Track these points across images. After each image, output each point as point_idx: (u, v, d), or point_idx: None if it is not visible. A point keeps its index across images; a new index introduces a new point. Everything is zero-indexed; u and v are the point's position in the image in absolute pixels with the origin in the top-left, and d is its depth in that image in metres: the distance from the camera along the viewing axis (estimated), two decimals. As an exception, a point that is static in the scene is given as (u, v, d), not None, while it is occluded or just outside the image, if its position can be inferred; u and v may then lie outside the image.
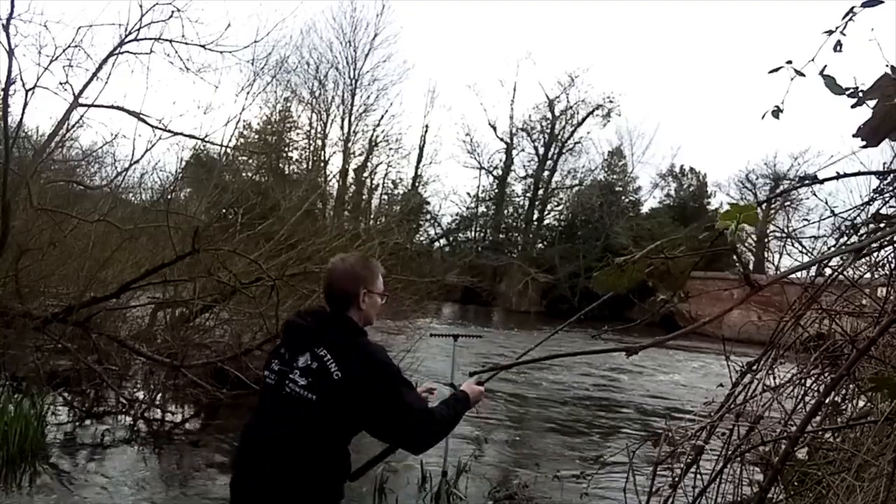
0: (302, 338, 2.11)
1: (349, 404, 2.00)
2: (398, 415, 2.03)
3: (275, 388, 2.10)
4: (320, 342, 2.06)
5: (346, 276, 2.18)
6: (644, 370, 13.85)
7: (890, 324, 2.06)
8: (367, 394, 2.00)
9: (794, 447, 2.04)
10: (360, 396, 2.00)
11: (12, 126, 7.41)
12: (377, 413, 2.02)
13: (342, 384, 1.99)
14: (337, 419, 2.02)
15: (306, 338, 2.09)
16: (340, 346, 2.05)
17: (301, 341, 2.10)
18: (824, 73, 1.80)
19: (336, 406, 2.00)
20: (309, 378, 2.03)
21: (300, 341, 2.11)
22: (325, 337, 2.07)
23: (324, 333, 2.08)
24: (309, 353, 2.05)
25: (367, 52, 35.86)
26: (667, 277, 1.47)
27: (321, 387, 2.01)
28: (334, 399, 2.00)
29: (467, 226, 41.20)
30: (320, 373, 2.02)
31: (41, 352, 7.11)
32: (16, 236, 6.98)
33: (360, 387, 2.00)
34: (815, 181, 2.44)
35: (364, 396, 2.00)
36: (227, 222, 8.98)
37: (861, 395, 2.93)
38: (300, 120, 34.74)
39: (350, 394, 2.00)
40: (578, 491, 5.46)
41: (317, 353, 2.04)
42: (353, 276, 2.18)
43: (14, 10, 6.36)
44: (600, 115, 38.76)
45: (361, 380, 2.00)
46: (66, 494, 4.61)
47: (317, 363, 2.03)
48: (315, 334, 2.09)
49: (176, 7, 7.80)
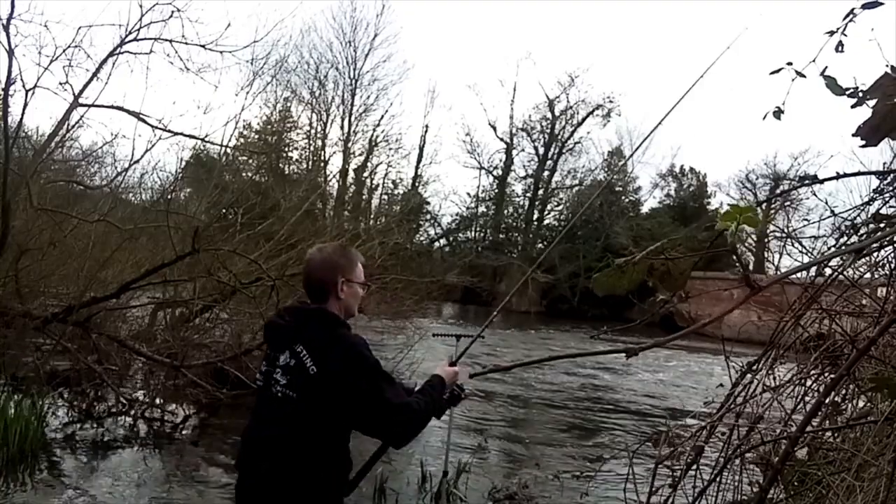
0: (281, 337, 2.11)
1: (329, 399, 1.99)
2: (378, 409, 2.01)
3: (264, 389, 2.11)
4: (298, 339, 2.05)
5: (324, 266, 2.16)
6: (645, 370, 13.85)
7: (890, 324, 2.06)
8: (347, 387, 1.98)
9: (794, 447, 2.05)
10: (339, 390, 1.98)
11: (12, 126, 7.42)
12: (357, 406, 2.00)
13: (318, 379, 1.99)
14: (320, 415, 2.00)
15: (285, 336, 2.09)
16: (319, 341, 2.04)
17: (281, 340, 2.10)
18: (825, 74, 1.80)
19: (316, 402, 1.99)
20: (288, 376, 2.03)
21: (280, 340, 2.11)
22: (304, 333, 2.06)
23: (302, 330, 2.08)
24: (289, 352, 2.05)
25: (367, 52, 35.90)
26: (667, 278, 1.47)
27: (299, 383, 2.01)
28: (313, 395, 2.00)
29: (467, 226, 41.21)
30: (298, 370, 2.02)
31: (41, 352, 7.11)
32: (16, 236, 6.98)
33: (340, 380, 1.98)
34: (815, 181, 2.44)
35: (344, 390, 1.98)
36: (227, 222, 8.97)
37: (861, 395, 2.93)
38: (300, 120, 34.74)
39: (328, 388, 1.98)
40: (578, 491, 5.47)
41: (295, 351, 2.04)
42: (331, 264, 2.17)
43: (14, 10, 6.38)
44: (600, 115, 38.80)
45: (341, 374, 1.99)
46: (66, 494, 4.61)
47: (295, 360, 2.03)
48: (293, 332, 2.08)
49: (176, 7, 7.80)
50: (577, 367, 13.09)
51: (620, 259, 1.50)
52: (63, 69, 7.43)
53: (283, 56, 14.05)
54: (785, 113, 2.00)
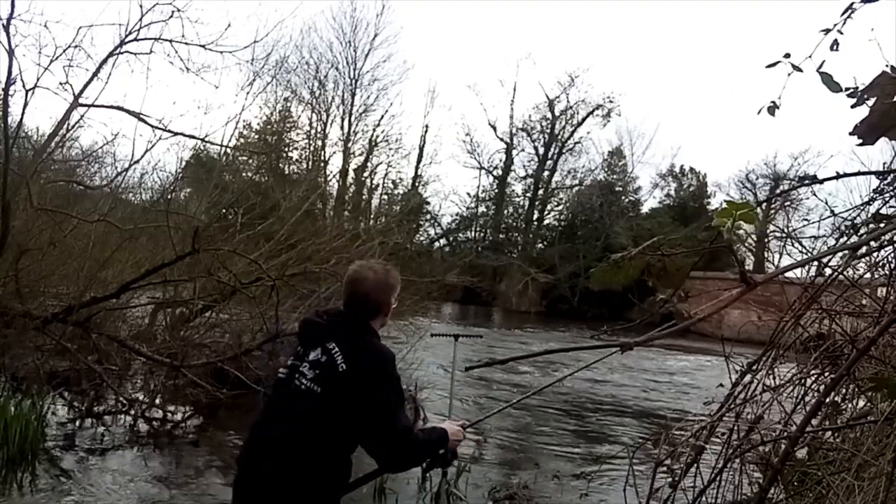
0: (316, 334, 2.16)
1: (350, 398, 2.03)
2: (385, 423, 2.05)
3: (285, 381, 2.14)
4: (332, 338, 2.11)
5: (379, 288, 2.21)
6: (645, 371, 13.84)
7: (890, 324, 2.06)
8: (367, 391, 2.03)
9: (794, 447, 2.05)
10: (359, 391, 2.03)
11: (12, 126, 7.40)
12: (368, 413, 2.04)
13: (346, 377, 2.03)
14: (338, 413, 2.03)
15: (320, 334, 2.15)
16: (351, 343, 2.10)
17: (315, 337, 2.16)
18: (821, 70, 1.80)
19: (338, 399, 2.03)
20: (316, 370, 2.07)
21: (314, 337, 2.16)
22: (338, 334, 2.12)
23: (337, 330, 2.13)
24: (320, 348, 2.10)
25: (367, 52, 35.84)
26: (664, 275, 1.47)
27: (326, 378, 2.05)
28: (337, 391, 2.04)
29: (467, 226, 41.19)
30: (328, 365, 2.06)
31: (41, 352, 7.10)
32: (16, 236, 6.97)
33: (363, 383, 2.03)
34: (815, 181, 2.45)
35: (363, 392, 2.03)
36: (227, 222, 8.97)
37: (861, 395, 2.93)
38: (300, 120, 34.71)
39: (352, 387, 2.03)
40: (578, 491, 5.47)
41: (327, 348, 2.09)
42: (388, 287, 2.24)
43: (14, 10, 6.36)
44: (600, 115, 38.79)
45: (365, 376, 2.04)
46: (67, 494, 4.60)
47: (326, 357, 2.08)
48: (328, 331, 2.14)
49: (176, 7, 7.78)
50: (592, 368, 13.05)
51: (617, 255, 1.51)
52: (63, 69, 7.42)
53: (284, 56, 14.10)
54: (780, 108, 1.98)
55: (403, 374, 7.33)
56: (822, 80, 1.78)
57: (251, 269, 7.08)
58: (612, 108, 38.39)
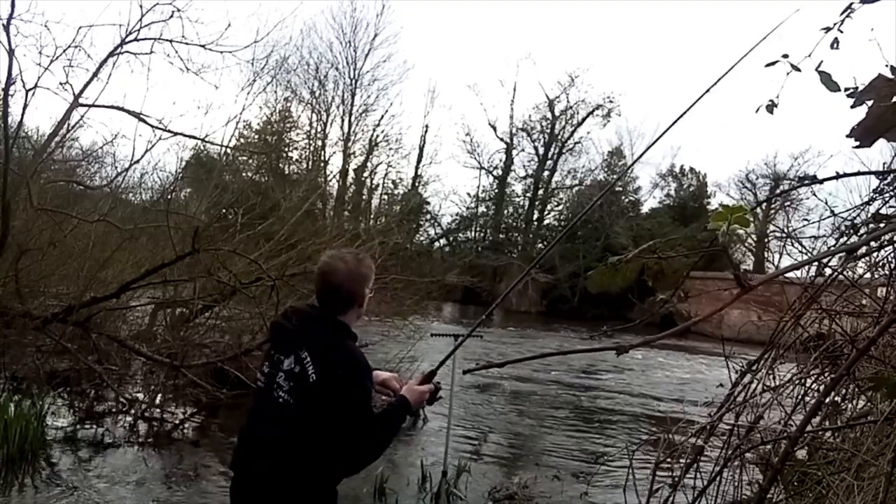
0: (287, 340, 2.10)
1: (325, 406, 2.00)
2: (359, 424, 2.03)
3: (265, 391, 2.11)
4: (303, 344, 2.05)
5: (351, 278, 2.12)
6: (645, 371, 13.85)
7: (890, 324, 2.06)
8: (342, 392, 2.00)
9: (794, 447, 2.04)
10: (334, 394, 2.00)
11: (12, 126, 7.41)
12: (343, 414, 2.01)
13: (317, 388, 2.00)
14: (318, 422, 2.01)
15: (291, 340, 2.09)
16: (324, 345, 2.05)
17: (286, 344, 2.10)
18: (820, 70, 1.79)
19: (314, 410, 2.00)
20: (291, 382, 2.04)
21: (286, 344, 2.10)
22: (309, 337, 2.07)
23: (308, 334, 2.08)
24: (293, 356, 2.05)
25: (367, 52, 35.89)
26: (661, 277, 1.47)
27: (300, 391, 2.02)
28: (311, 403, 2.01)
29: (467, 226, 41.19)
30: (301, 377, 2.02)
31: (41, 352, 7.11)
32: (16, 236, 6.98)
33: (337, 385, 2.00)
34: (814, 181, 2.44)
35: (335, 395, 2.00)
36: (227, 222, 8.97)
37: (861, 395, 2.93)
38: (300, 120, 34.73)
39: (326, 394, 2.00)
40: (578, 491, 5.48)
41: (299, 357, 2.04)
42: (361, 277, 2.15)
43: (14, 10, 6.37)
44: (600, 115, 38.79)
45: (339, 378, 2.01)
46: (67, 494, 4.61)
47: (299, 367, 2.03)
48: (299, 336, 2.08)
49: (176, 7, 7.78)
50: (577, 367, 13.09)
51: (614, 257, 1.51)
52: (63, 69, 7.43)
53: (284, 56, 14.09)
54: (778, 107, 1.97)
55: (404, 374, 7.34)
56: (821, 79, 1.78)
57: (251, 269, 7.08)
58: (611, 108, 38.45)
